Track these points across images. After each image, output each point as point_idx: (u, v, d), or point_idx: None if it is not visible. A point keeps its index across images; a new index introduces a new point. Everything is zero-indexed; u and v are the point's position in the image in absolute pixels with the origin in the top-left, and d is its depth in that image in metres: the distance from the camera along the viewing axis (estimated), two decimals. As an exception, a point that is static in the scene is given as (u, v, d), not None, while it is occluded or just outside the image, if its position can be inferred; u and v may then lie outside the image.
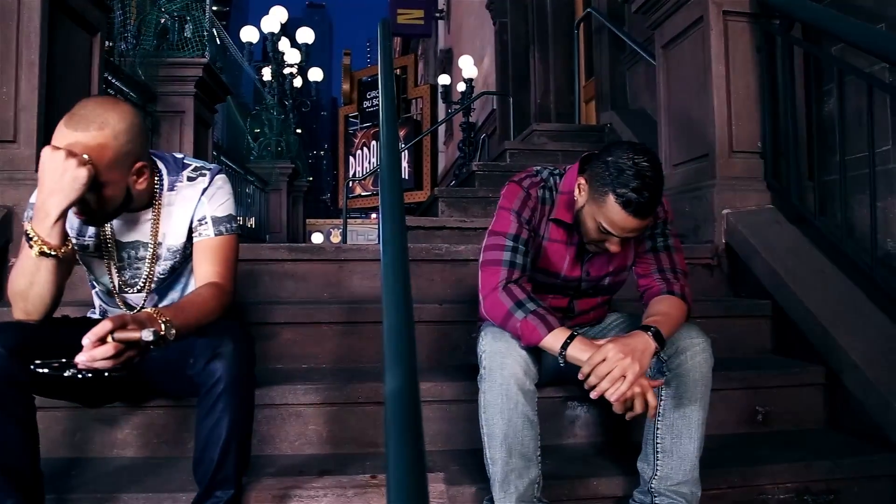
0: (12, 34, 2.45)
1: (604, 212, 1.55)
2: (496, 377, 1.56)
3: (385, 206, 1.14)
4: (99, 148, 1.44)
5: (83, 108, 1.48)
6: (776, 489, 1.84)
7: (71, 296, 2.16)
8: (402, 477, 0.70)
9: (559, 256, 1.75)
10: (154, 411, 1.88)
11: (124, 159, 1.50)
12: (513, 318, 1.57)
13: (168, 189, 1.67)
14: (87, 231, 1.65)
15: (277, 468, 1.80)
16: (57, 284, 1.52)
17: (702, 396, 1.60)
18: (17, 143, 2.46)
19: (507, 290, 1.61)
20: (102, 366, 1.30)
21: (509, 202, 1.71)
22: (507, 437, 1.55)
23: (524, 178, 1.74)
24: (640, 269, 1.77)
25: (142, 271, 1.69)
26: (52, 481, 1.57)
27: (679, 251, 1.76)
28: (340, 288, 2.56)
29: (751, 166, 2.82)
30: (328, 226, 14.96)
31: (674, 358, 1.60)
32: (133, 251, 1.68)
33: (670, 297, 1.67)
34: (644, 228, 1.59)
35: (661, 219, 1.76)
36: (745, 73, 2.82)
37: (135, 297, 1.71)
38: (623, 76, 5.96)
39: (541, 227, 1.74)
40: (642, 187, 1.49)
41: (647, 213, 1.52)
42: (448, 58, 15.74)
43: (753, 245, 2.57)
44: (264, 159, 9.22)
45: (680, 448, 1.60)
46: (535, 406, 1.59)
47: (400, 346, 0.83)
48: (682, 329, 1.62)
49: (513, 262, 1.65)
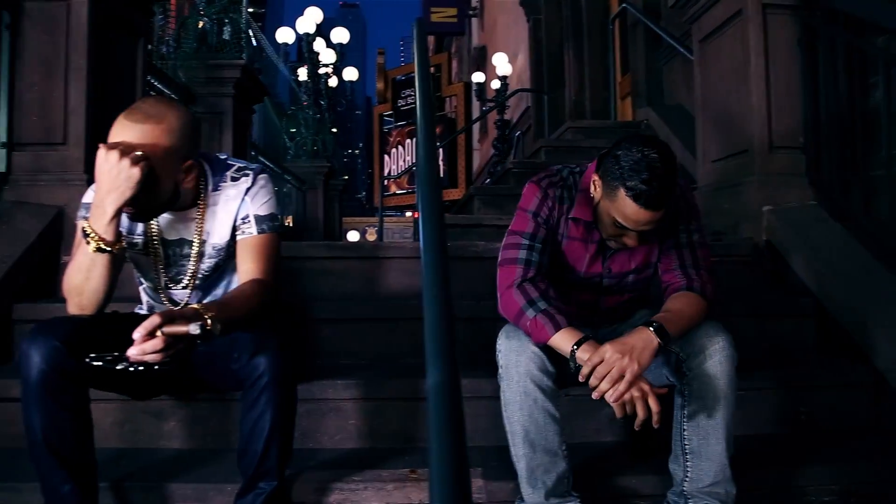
0: (62, 41, 2.54)
1: (616, 206, 1.55)
2: (512, 374, 1.58)
3: (424, 205, 1.16)
4: (156, 141, 1.52)
5: (143, 103, 1.57)
6: (819, 491, 1.81)
7: (118, 292, 2.23)
8: (445, 470, 0.71)
9: (578, 254, 1.75)
10: (199, 404, 1.94)
11: (177, 155, 1.56)
12: (524, 315, 1.59)
13: (213, 189, 1.72)
14: (135, 229, 1.71)
15: (318, 461, 1.83)
16: (110, 280, 1.58)
17: (726, 395, 1.56)
18: (66, 146, 2.54)
19: (521, 288, 1.63)
20: (152, 359, 1.35)
21: (527, 203, 1.73)
22: (528, 434, 1.57)
23: (542, 178, 1.76)
24: (663, 265, 1.75)
25: (187, 268, 1.74)
26: (103, 470, 1.63)
27: (704, 247, 1.74)
28: (378, 285, 2.59)
29: (792, 162, 2.77)
30: (363, 224, 15.08)
31: (692, 358, 1.57)
32: (178, 249, 1.73)
33: (688, 293, 1.65)
34: (659, 221, 1.56)
35: (685, 214, 1.73)
36: (786, 67, 2.77)
37: (180, 293, 1.77)
38: (659, 72, 5.90)
39: (560, 226, 1.74)
40: (651, 178, 1.48)
41: (658, 204, 1.51)
42: (482, 55, 15.73)
43: (795, 242, 2.53)
44: (301, 158, 9.33)
45: (708, 449, 1.58)
46: (556, 402, 1.59)
47: (440, 341, 0.84)
48: (701, 328, 1.60)
49: (528, 260, 1.67)
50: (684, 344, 1.59)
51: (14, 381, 1.61)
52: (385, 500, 1.71)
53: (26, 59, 2.52)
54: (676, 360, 1.61)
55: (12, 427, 1.87)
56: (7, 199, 2.48)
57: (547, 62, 8.86)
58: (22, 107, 2.52)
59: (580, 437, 1.97)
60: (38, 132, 2.53)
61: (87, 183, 2.50)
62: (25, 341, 1.45)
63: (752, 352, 2.33)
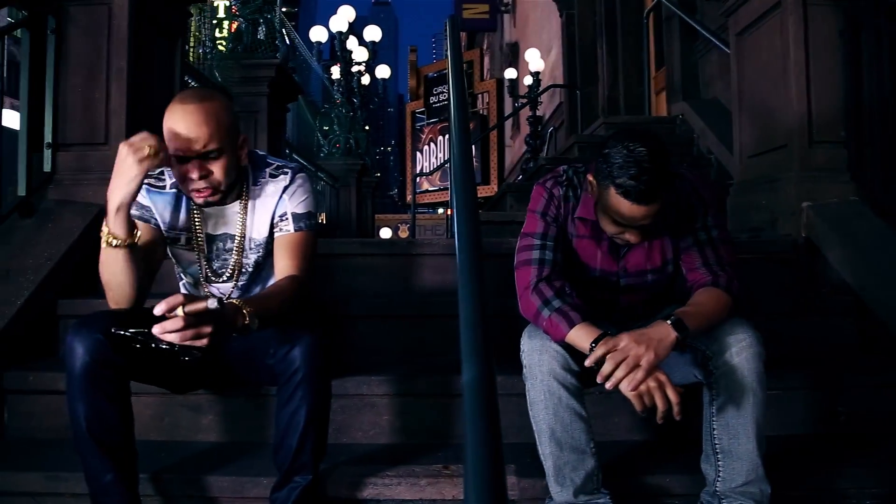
0: (103, 43, 2.60)
1: (611, 204, 1.55)
2: (536, 374, 1.58)
3: (459, 203, 1.16)
4: (217, 118, 1.60)
5: (186, 91, 1.67)
6: (861, 494, 1.77)
7: (158, 288, 2.28)
8: (480, 466, 0.72)
9: (590, 252, 1.75)
10: (236, 399, 1.97)
11: (233, 128, 1.66)
12: (541, 315, 1.60)
13: (253, 184, 1.76)
14: (179, 225, 1.76)
15: (352, 456, 1.86)
16: (135, 274, 1.61)
17: (754, 392, 1.54)
18: (108, 146, 2.60)
19: (537, 289, 1.64)
20: (174, 339, 1.37)
21: (535, 204, 1.75)
22: (554, 432, 1.57)
23: (548, 179, 1.77)
24: (686, 264, 1.72)
25: (229, 262, 1.78)
26: (143, 462, 1.67)
27: (725, 242, 1.71)
28: (411, 281, 2.60)
29: (832, 156, 2.71)
30: (396, 221, 15.14)
31: (718, 356, 1.55)
32: (221, 243, 1.77)
33: (712, 289, 1.62)
34: (656, 214, 1.54)
35: (701, 209, 1.70)
36: (826, 59, 2.71)
37: (222, 286, 1.81)
38: (695, 66, 5.82)
39: (567, 225, 1.75)
40: (640, 174, 1.47)
41: (649, 198, 1.50)
42: (514, 51, 15.67)
43: (835, 239, 2.48)
44: (334, 156, 9.40)
45: (738, 448, 1.55)
46: (582, 399, 1.59)
47: (476, 338, 0.85)
48: (726, 325, 1.57)
49: (542, 259, 1.68)
50: (710, 341, 1.57)
51: (59, 374, 1.66)
52: (418, 495, 1.72)
53: (70, 62, 2.59)
54: (703, 358, 1.59)
55: (57, 418, 1.93)
56: (52, 198, 2.55)
57: (580, 57, 8.80)
58: (66, 108, 2.59)
59: (610, 436, 1.96)
60: (81, 133, 2.60)
61: (127, 182, 2.56)
62: (70, 334, 1.50)
63: (791, 350, 2.29)
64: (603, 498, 1.59)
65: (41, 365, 2.12)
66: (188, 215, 1.76)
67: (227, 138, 1.61)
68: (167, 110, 1.60)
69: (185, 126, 1.56)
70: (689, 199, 1.70)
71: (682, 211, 1.70)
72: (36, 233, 2.38)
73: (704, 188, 1.72)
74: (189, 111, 1.57)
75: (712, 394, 1.59)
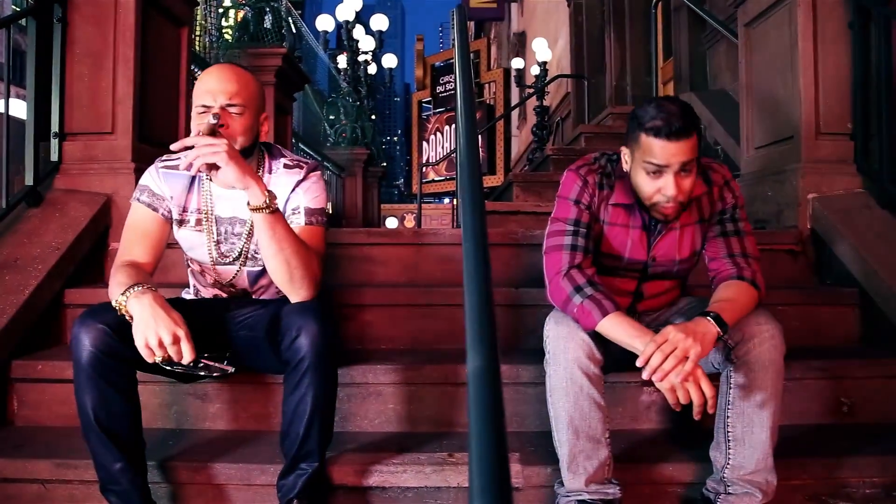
0: (109, 31, 2.60)
1: (645, 153, 1.58)
2: (560, 361, 1.59)
3: (465, 193, 1.17)
4: (243, 75, 1.73)
5: (217, 64, 1.79)
6: (862, 483, 1.78)
7: (163, 277, 2.30)
8: (485, 454, 0.73)
9: (621, 240, 1.76)
10: (242, 387, 1.99)
11: (259, 97, 1.76)
12: (571, 302, 1.61)
13: (267, 171, 1.79)
14: (190, 206, 1.78)
15: (358, 444, 1.87)
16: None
17: (772, 384, 1.56)
18: (114, 135, 2.61)
19: (568, 275, 1.64)
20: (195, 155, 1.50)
21: (567, 191, 1.75)
22: (573, 420, 1.58)
23: (581, 166, 1.77)
24: (710, 252, 1.75)
25: (237, 246, 1.80)
26: (152, 449, 1.69)
27: (750, 235, 1.74)
28: (417, 271, 2.61)
29: (839, 148, 2.71)
30: (402, 211, 15.15)
31: (741, 345, 1.57)
32: (230, 227, 1.79)
33: (739, 282, 1.64)
34: (690, 155, 1.56)
35: (731, 203, 1.74)
36: (835, 51, 2.70)
37: (229, 268, 1.82)
38: (703, 56, 5.78)
39: (601, 213, 1.75)
40: (668, 114, 1.54)
41: (680, 133, 1.53)
42: (521, 41, 15.59)
43: (840, 231, 2.48)
44: (340, 145, 9.39)
45: (752, 437, 1.57)
46: (601, 389, 1.60)
47: (482, 327, 0.86)
48: (751, 315, 1.59)
49: (574, 245, 1.68)
50: (733, 331, 1.58)
51: (67, 363, 1.68)
52: (423, 482, 1.74)
53: (76, 50, 2.59)
54: (725, 347, 1.60)
55: (65, 407, 1.96)
56: (59, 188, 2.57)
57: (587, 47, 8.75)
58: (72, 97, 2.60)
59: (617, 425, 1.98)
60: (87, 122, 2.61)
61: (134, 171, 2.57)
62: (76, 325, 1.51)
63: (795, 341, 2.29)
64: (613, 488, 1.61)
65: (49, 354, 2.14)
66: (201, 196, 1.78)
67: (252, 100, 1.71)
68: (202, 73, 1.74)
69: (216, 78, 1.68)
70: (721, 192, 1.73)
71: (713, 200, 1.74)
72: (43, 222, 2.39)
73: (733, 181, 1.76)
74: (223, 68, 1.73)
75: (730, 382, 1.60)
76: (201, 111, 1.66)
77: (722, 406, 1.62)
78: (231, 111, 1.66)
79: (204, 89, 1.67)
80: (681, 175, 1.58)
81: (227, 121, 1.65)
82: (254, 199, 1.56)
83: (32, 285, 2.14)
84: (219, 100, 1.65)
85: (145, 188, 1.77)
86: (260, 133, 1.77)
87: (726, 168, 1.78)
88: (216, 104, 1.65)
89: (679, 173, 1.57)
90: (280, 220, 1.60)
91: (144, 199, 1.76)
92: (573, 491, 1.60)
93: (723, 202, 1.74)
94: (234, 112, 1.67)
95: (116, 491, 1.55)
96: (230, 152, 1.51)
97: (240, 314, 1.81)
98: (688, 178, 1.59)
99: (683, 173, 1.58)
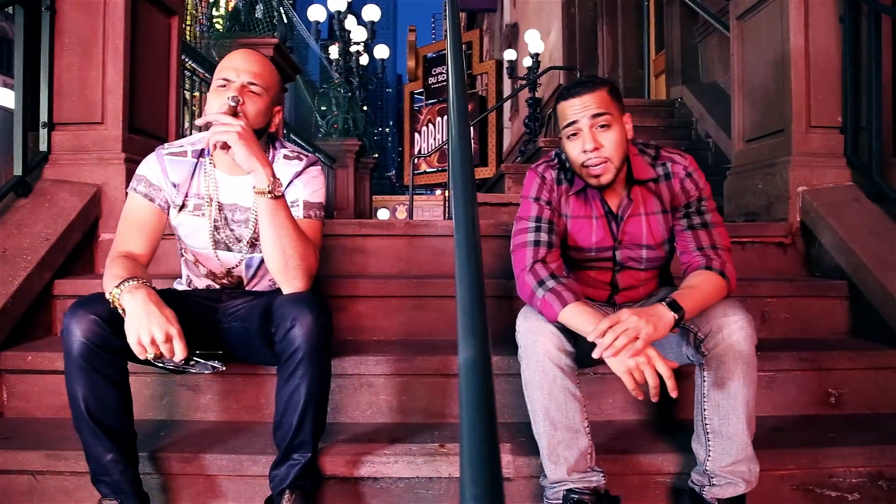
0: (99, 20, 2.58)
1: (560, 118, 1.70)
2: (531, 354, 1.60)
3: (457, 184, 1.17)
4: (267, 63, 1.76)
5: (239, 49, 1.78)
6: (848, 473, 1.81)
7: (155, 269, 2.29)
8: (476, 444, 0.73)
9: (586, 231, 1.79)
10: (234, 378, 1.99)
11: (278, 87, 1.79)
12: (535, 296, 1.63)
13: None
14: (192, 191, 1.78)
15: (350, 435, 1.88)
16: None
17: (745, 374, 1.57)
18: (104, 125, 2.59)
19: (532, 270, 1.67)
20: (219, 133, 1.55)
21: (527, 190, 1.80)
22: (549, 412, 1.59)
23: (540, 164, 1.83)
24: (680, 246, 1.77)
25: (236, 233, 1.80)
26: (143, 440, 1.69)
27: (719, 226, 1.74)
28: (409, 262, 2.61)
29: (829, 142, 2.72)
30: (394, 202, 15.12)
31: (710, 337, 1.58)
32: (230, 214, 1.79)
33: (706, 271, 1.66)
34: (599, 107, 1.65)
35: (695, 195, 1.75)
36: (826, 44, 2.71)
37: (227, 255, 1.82)
38: (695, 49, 5.80)
39: (562, 207, 1.79)
40: (573, 82, 1.72)
41: (583, 87, 1.67)
42: (514, 32, 15.56)
43: (829, 223, 2.49)
44: (331, 136, 9.35)
45: (728, 428, 1.59)
46: (575, 379, 1.61)
47: (473, 317, 0.86)
48: (718, 307, 1.60)
49: (537, 241, 1.72)
50: (702, 323, 1.60)
51: (58, 354, 1.67)
52: (415, 473, 1.74)
53: (65, 39, 2.57)
54: (696, 339, 1.62)
55: (56, 398, 1.95)
56: (48, 178, 2.55)
57: (580, 39, 8.75)
58: (61, 87, 2.58)
59: (604, 416, 1.99)
60: (76, 112, 2.59)
61: (124, 161, 2.56)
62: (67, 316, 1.51)
63: (784, 333, 2.32)
64: (596, 476, 1.62)
65: (39, 345, 2.13)
66: (203, 182, 1.78)
67: (271, 87, 1.74)
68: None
69: (242, 57, 1.72)
70: (682, 183, 1.75)
71: (675, 192, 1.75)
72: (32, 213, 2.38)
73: (698, 172, 1.77)
74: (248, 52, 1.76)
75: (703, 375, 1.62)
76: (221, 84, 1.69)
77: (698, 399, 1.64)
78: (252, 89, 1.69)
79: (229, 65, 1.70)
80: (597, 130, 1.65)
81: (244, 99, 1.67)
82: (259, 182, 1.58)
83: (22, 276, 2.13)
84: (241, 77, 1.68)
85: (142, 178, 1.76)
86: (271, 123, 1.78)
87: (690, 158, 1.79)
88: (238, 81, 1.68)
89: (594, 128, 1.65)
90: (283, 207, 1.61)
91: (141, 190, 1.75)
92: (557, 481, 1.61)
93: (686, 195, 1.75)
94: (253, 91, 1.69)
95: (108, 482, 1.55)
96: (243, 133, 1.55)
97: (233, 305, 1.81)
98: (606, 133, 1.66)
99: (600, 128, 1.65)
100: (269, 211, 1.59)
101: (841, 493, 1.80)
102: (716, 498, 1.61)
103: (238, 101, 1.63)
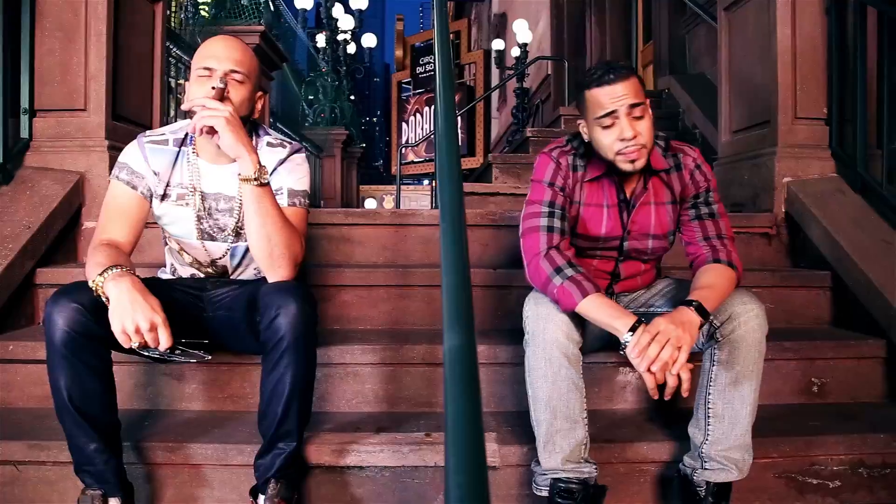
0: (81, 5, 2.54)
1: (594, 108, 1.64)
2: (539, 342, 1.60)
3: (443, 172, 1.16)
4: (247, 49, 1.75)
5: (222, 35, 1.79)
6: (830, 460, 1.83)
7: (139, 258, 2.27)
8: (460, 432, 0.73)
9: (597, 219, 1.78)
10: (219, 367, 1.98)
11: (259, 73, 1.78)
12: (551, 283, 1.61)
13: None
14: (174, 180, 1.76)
15: (336, 424, 1.87)
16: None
17: (754, 363, 1.60)
18: (87, 112, 2.56)
19: (548, 256, 1.65)
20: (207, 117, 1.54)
21: (541, 174, 1.76)
22: (550, 400, 1.59)
23: (554, 149, 1.79)
24: (686, 237, 1.78)
25: (220, 222, 1.78)
26: (127, 430, 1.68)
27: (724, 216, 1.76)
28: (396, 252, 2.61)
29: (815, 133, 2.74)
30: (381, 192, 15.05)
31: (726, 324, 1.60)
32: (215, 203, 1.77)
33: (717, 265, 1.66)
34: (635, 96, 1.62)
35: (704, 186, 1.76)
36: (812, 36, 2.72)
37: (212, 244, 1.81)
38: (682, 40, 5.80)
39: (576, 194, 1.77)
40: (602, 64, 1.67)
41: (619, 73, 1.62)
42: (502, 22, 15.50)
43: (814, 214, 2.51)
44: (318, 126, 9.31)
45: (732, 413, 1.60)
46: (580, 369, 1.61)
47: (458, 306, 0.85)
48: (735, 295, 1.62)
49: (551, 226, 1.69)
50: (718, 310, 1.61)
51: (38, 343, 1.65)
52: (401, 462, 1.74)
53: (46, 24, 2.53)
54: (710, 327, 1.62)
55: (38, 388, 1.93)
56: (30, 166, 2.51)
57: (568, 29, 8.73)
58: (43, 73, 2.54)
59: (593, 405, 2.00)
60: (59, 98, 2.55)
61: (108, 149, 2.53)
62: (49, 304, 1.48)
63: (768, 323, 2.33)
64: (588, 467, 1.63)
65: (21, 334, 2.11)
66: (186, 171, 1.76)
67: (253, 73, 1.72)
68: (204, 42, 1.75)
69: (223, 45, 1.70)
70: (693, 174, 1.76)
71: (685, 183, 1.76)
72: (13, 200, 2.34)
73: (705, 164, 1.78)
74: (229, 37, 1.75)
75: (713, 361, 1.63)
76: (203, 74, 1.66)
77: (703, 383, 1.65)
78: (235, 77, 1.67)
79: (209, 53, 1.68)
80: (633, 118, 1.63)
81: (228, 87, 1.65)
82: (244, 169, 1.57)
83: (3, 265, 2.10)
84: (224, 65, 1.66)
85: (124, 165, 1.74)
86: (254, 110, 1.77)
87: (698, 151, 1.81)
88: (220, 69, 1.65)
89: (630, 116, 1.62)
90: (268, 195, 1.60)
91: (123, 177, 1.72)
92: (549, 469, 1.62)
93: (695, 186, 1.76)
94: (236, 79, 1.67)
95: (91, 472, 1.54)
96: (230, 119, 1.54)
97: (217, 294, 1.79)
98: (642, 121, 1.64)
99: (635, 117, 1.63)
100: (255, 198, 1.58)
101: (822, 481, 1.83)
102: (705, 481, 1.62)
103: (225, 85, 1.61)
